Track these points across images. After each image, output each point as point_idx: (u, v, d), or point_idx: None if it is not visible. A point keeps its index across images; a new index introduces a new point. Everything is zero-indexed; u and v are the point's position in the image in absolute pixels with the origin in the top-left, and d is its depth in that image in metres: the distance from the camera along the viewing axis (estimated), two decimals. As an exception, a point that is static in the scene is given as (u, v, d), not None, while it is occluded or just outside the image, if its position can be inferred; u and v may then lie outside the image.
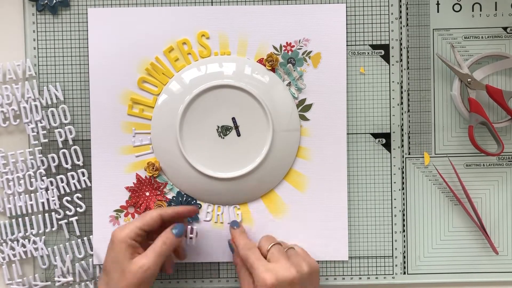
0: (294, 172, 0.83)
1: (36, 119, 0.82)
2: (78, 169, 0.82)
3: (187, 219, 0.82)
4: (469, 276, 0.83)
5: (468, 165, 0.83)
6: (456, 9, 0.83)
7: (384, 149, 0.83)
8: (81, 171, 0.82)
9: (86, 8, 0.82)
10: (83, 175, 0.82)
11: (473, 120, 0.80)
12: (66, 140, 0.82)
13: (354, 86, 0.83)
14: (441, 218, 0.83)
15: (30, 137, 0.82)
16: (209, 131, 0.81)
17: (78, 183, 0.82)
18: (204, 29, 0.82)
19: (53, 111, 0.82)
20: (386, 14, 0.82)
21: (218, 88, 0.80)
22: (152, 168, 0.82)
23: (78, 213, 0.83)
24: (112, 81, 0.82)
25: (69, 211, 0.82)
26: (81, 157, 0.82)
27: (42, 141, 0.82)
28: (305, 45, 0.82)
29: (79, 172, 0.82)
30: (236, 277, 0.83)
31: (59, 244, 0.83)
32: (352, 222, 0.83)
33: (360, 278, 0.84)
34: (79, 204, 0.82)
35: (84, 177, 0.82)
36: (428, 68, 0.83)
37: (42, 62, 0.82)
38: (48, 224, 0.82)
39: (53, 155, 0.82)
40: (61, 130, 0.82)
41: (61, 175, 0.82)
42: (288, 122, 0.82)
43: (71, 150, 0.82)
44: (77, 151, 0.82)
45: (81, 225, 0.83)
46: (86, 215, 0.83)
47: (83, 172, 0.82)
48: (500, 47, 0.83)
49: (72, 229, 0.83)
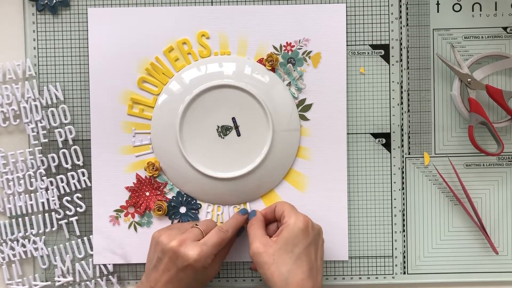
0: (294, 172, 0.83)
1: (36, 119, 0.82)
2: (78, 169, 0.82)
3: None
4: (469, 276, 0.83)
5: (468, 165, 0.83)
6: (456, 9, 0.83)
7: (384, 149, 0.83)
8: (81, 171, 0.82)
9: (86, 8, 0.82)
10: (83, 175, 0.82)
11: (473, 120, 0.80)
12: (66, 140, 0.82)
13: (354, 86, 0.83)
14: (441, 218, 0.83)
15: (30, 137, 0.82)
16: (209, 131, 0.81)
17: (78, 183, 0.82)
18: (204, 29, 0.82)
19: (53, 111, 0.82)
20: (386, 14, 0.82)
21: (218, 88, 0.80)
22: (152, 168, 0.82)
23: (78, 213, 0.83)
24: (112, 81, 0.82)
25: (69, 211, 0.82)
26: (81, 157, 0.82)
27: (42, 141, 0.82)
28: (305, 45, 0.82)
29: (79, 172, 0.82)
30: (236, 276, 0.83)
31: (59, 244, 0.83)
32: (352, 222, 0.83)
33: (360, 278, 0.84)
34: (79, 204, 0.82)
35: (84, 177, 0.82)
36: (428, 68, 0.83)
37: (42, 62, 0.82)
38: (48, 224, 0.82)
39: (53, 155, 0.82)
40: (61, 130, 0.82)
41: (61, 175, 0.82)
42: (288, 122, 0.82)
43: (71, 150, 0.82)
44: (77, 151, 0.82)
45: (81, 225, 0.83)
46: (86, 215, 0.83)
47: (83, 172, 0.82)
48: (500, 47, 0.83)
49: (72, 229, 0.83)
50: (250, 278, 0.84)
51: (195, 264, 0.73)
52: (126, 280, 0.84)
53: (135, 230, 0.83)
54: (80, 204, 0.82)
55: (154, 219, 0.83)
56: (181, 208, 0.83)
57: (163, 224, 0.83)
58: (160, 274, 0.74)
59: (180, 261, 0.73)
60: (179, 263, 0.74)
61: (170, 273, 0.74)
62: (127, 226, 0.83)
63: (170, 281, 0.74)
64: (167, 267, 0.74)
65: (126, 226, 0.83)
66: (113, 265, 0.83)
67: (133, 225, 0.83)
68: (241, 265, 0.84)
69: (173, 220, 0.83)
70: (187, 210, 0.83)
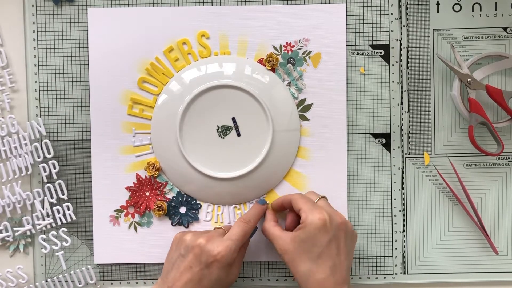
0: (294, 172, 0.83)
1: (20, 152, 0.81)
2: (63, 202, 0.82)
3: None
4: (469, 276, 0.83)
5: (468, 165, 0.83)
6: (456, 9, 0.83)
7: (384, 149, 0.83)
8: (66, 205, 0.82)
9: (86, 8, 0.82)
10: (68, 209, 0.82)
11: (473, 120, 0.80)
12: (50, 175, 0.82)
13: (354, 86, 0.83)
14: (441, 218, 0.83)
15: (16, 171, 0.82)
16: (209, 131, 0.81)
17: (63, 217, 0.82)
18: (204, 29, 0.82)
19: (36, 146, 0.82)
20: (386, 14, 0.82)
21: (218, 88, 0.80)
22: (152, 168, 0.82)
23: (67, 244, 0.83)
24: (112, 81, 0.82)
25: (55, 246, 0.83)
26: (65, 191, 0.82)
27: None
28: (305, 45, 0.82)
29: (64, 206, 0.82)
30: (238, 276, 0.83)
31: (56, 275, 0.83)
32: (352, 222, 0.83)
33: (360, 278, 0.84)
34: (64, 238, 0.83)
35: (69, 211, 0.82)
36: (428, 68, 0.83)
37: (42, 62, 0.82)
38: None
39: (38, 190, 0.82)
40: (45, 165, 0.82)
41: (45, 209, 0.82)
42: (288, 122, 0.82)
43: (56, 184, 0.82)
44: (61, 185, 0.82)
45: (81, 225, 0.83)
46: (86, 215, 0.83)
47: (68, 206, 0.82)
48: (500, 47, 0.83)
49: (73, 229, 0.83)
50: (250, 278, 0.84)
51: (221, 259, 0.73)
52: (126, 280, 0.84)
53: (135, 230, 0.83)
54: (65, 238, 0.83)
55: (154, 219, 0.83)
56: (181, 208, 0.83)
57: (163, 224, 0.83)
58: (181, 273, 0.74)
59: (205, 257, 0.73)
60: (204, 258, 0.73)
61: (192, 271, 0.74)
62: (127, 226, 0.83)
63: (190, 280, 0.74)
64: (190, 264, 0.74)
65: (126, 226, 0.83)
66: (113, 265, 0.83)
67: (133, 225, 0.83)
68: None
69: (173, 220, 0.83)
70: (187, 210, 0.83)
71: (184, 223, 0.83)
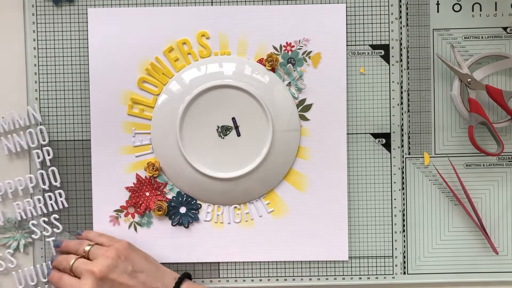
0: (294, 172, 0.83)
1: (16, 139, 0.82)
2: (55, 189, 0.82)
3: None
4: (469, 276, 0.83)
5: (468, 165, 0.83)
6: (456, 9, 0.83)
7: (384, 149, 0.83)
8: (58, 192, 0.82)
9: (86, 8, 0.82)
10: (60, 196, 0.82)
11: (473, 120, 0.80)
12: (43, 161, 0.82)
13: (354, 86, 0.83)
14: (441, 218, 0.83)
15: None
16: (209, 131, 0.81)
17: (55, 204, 0.82)
18: (204, 29, 0.82)
19: (31, 132, 0.82)
20: (386, 14, 0.82)
21: (218, 88, 0.80)
22: (152, 168, 0.82)
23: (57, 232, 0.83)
24: (112, 81, 0.82)
25: (46, 232, 0.83)
26: (58, 178, 0.82)
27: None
28: (305, 45, 0.82)
29: (57, 193, 0.82)
30: (237, 276, 0.83)
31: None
32: (352, 222, 0.83)
33: (360, 278, 0.84)
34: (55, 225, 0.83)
35: (61, 198, 0.82)
36: (428, 68, 0.83)
37: (42, 62, 0.82)
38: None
39: (31, 176, 0.82)
40: (38, 151, 0.82)
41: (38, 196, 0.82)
42: (288, 122, 0.82)
43: (49, 171, 0.82)
44: (55, 172, 0.82)
45: (81, 225, 0.83)
46: (86, 215, 0.83)
47: (60, 193, 0.82)
48: (500, 47, 0.83)
49: (73, 229, 0.83)
50: (250, 278, 0.84)
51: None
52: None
53: (135, 230, 0.83)
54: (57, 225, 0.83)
55: (154, 219, 0.83)
56: (181, 208, 0.83)
57: (163, 224, 0.83)
58: None
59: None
60: None
61: None
62: (127, 226, 0.83)
63: None
64: None
65: (126, 226, 0.83)
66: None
67: (133, 225, 0.83)
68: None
69: (173, 220, 0.83)
70: (187, 210, 0.83)
71: (184, 223, 0.83)
